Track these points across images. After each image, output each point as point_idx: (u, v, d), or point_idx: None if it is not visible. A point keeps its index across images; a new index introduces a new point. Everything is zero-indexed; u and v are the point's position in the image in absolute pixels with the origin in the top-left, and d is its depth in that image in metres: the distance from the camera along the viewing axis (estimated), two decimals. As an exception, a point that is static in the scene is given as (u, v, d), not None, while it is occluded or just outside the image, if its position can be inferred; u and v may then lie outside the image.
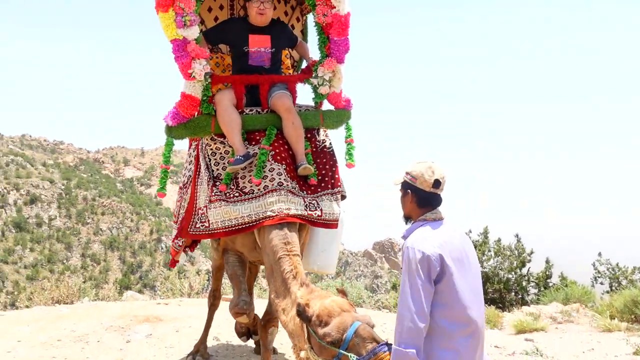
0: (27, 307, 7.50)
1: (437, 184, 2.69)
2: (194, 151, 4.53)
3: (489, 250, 12.18)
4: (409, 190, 2.74)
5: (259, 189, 3.79)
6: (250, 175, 3.86)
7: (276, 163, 3.90)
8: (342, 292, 3.10)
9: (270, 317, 4.11)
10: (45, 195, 72.22)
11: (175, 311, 6.62)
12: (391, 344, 2.61)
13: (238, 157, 3.88)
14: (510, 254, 12.14)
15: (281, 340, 5.21)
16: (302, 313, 2.93)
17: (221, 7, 4.93)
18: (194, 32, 3.82)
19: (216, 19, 4.92)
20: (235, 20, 4.53)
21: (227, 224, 3.77)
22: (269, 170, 3.86)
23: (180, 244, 4.55)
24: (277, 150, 3.97)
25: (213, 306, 5.02)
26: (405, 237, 2.69)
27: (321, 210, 3.87)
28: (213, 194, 3.85)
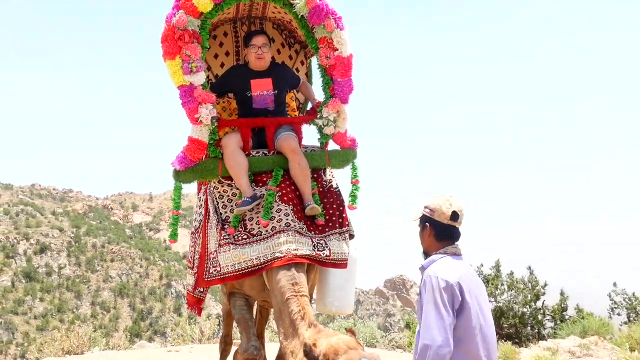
0: (37, 359, 7.43)
1: (455, 216, 2.70)
2: (203, 195, 4.54)
3: (502, 284, 12.01)
4: (427, 224, 2.76)
5: (267, 231, 3.79)
6: (258, 217, 3.87)
7: (283, 204, 3.92)
8: (351, 332, 3.09)
9: None
10: (55, 244, 72.30)
11: (186, 358, 6.54)
12: None
13: (245, 199, 3.91)
14: (524, 287, 11.96)
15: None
16: (309, 353, 2.92)
17: (227, 54, 5.03)
18: (200, 78, 3.90)
19: (223, 65, 5.02)
20: (237, 68, 4.63)
21: (237, 268, 3.76)
22: (276, 212, 3.87)
23: (202, 291, 4.51)
24: (285, 192, 4.00)
25: (225, 352, 4.95)
26: (424, 268, 2.67)
27: (330, 250, 3.86)
28: (222, 237, 3.86)
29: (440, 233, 2.73)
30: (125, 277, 71.67)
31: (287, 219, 3.83)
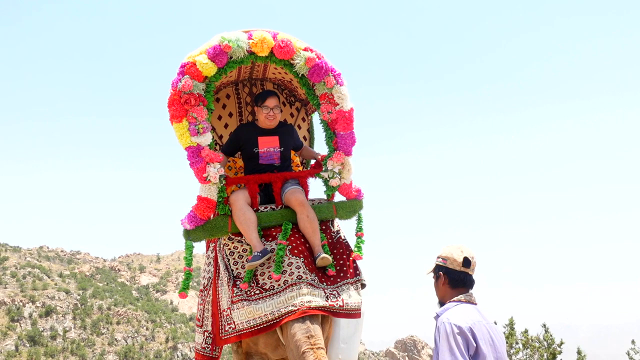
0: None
1: (466, 262, 2.76)
2: (212, 252, 4.57)
3: (517, 343, 11.75)
4: (440, 273, 2.82)
5: (279, 285, 3.79)
6: (269, 272, 3.89)
7: (294, 257, 3.95)
8: None
9: None
10: (61, 307, 71.51)
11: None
12: None
13: (256, 253, 3.93)
14: (540, 345, 11.70)
15: None
16: None
17: (230, 115, 5.20)
18: (207, 139, 4.03)
19: (226, 125, 5.18)
20: (245, 126, 4.73)
21: (252, 324, 3.74)
22: (287, 265, 3.89)
23: (213, 348, 4.44)
24: (294, 244, 4.04)
25: None
26: (438, 316, 2.69)
27: (342, 300, 3.84)
28: (234, 294, 3.86)
29: (454, 280, 2.78)
30: (131, 340, 70.36)
31: (299, 272, 3.84)
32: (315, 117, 4.89)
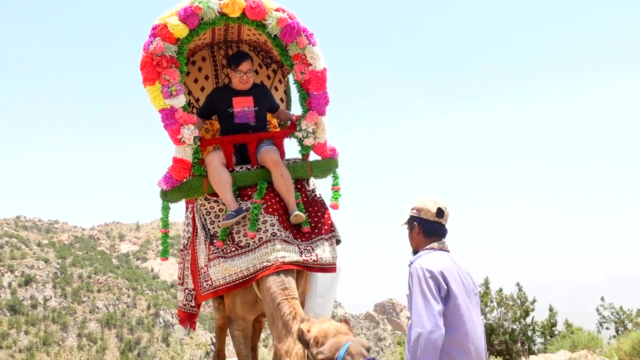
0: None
1: (440, 212, 2.86)
2: (190, 213, 4.67)
3: (491, 301, 12.08)
4: (414, 223, 2.91)
5: (254, 242, 3.91)
6: (245, 230, 3.99)
7: (269, 215, 4.05)
8: (345, 321, 3.19)
9: None
10: (40, 276, 71.20)
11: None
12: (375, 358, 2.76)
13: (230, 212, 4.03)
14: (513, 303, 12.04)
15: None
16: (301, 337, 3.05)
17: (207, 78, 5.20)
18: (180, 101, 4.04)
19: (202, 89, 5.19)
20: (219, 89, 4.79)
21: (228, 280, 3.85)
22: (262, 223, 4.00)
23: (193, 304, 4.59)
24: (269, 203, 4.14)
25: None
26: (411, 263, 2.79)
27: (316, 255, 3.96)
28: (211, 252, 3.96)
29: (427, 230, 2.87)
30: (112, 308, 70.57)
31: (273, 229, 3.95)
32: (291, 79, 4.91)
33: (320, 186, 4.67)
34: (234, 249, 3.92)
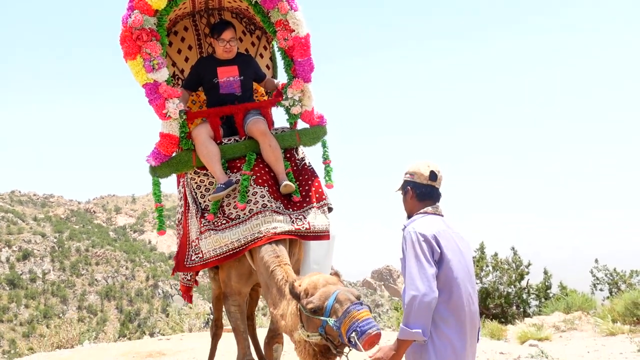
0: (30, 349, 7.39)
1: (433, 175, 2.83)
2: (182, 188, 4.64)
3: (487, 266, 12.20)
4: (408, 187, 2.88)
5: (244, 214, 3.88)
6: (235, 202, 3.96)
7: (258, 186, 4.01)
8: (336, 274, 3.22)
9: (274, 333, 4.12)
10: (38, 250, 71.44)
11: (177, 345, 6.57)
12: (364, 303, 2.81)
13: (219, 185, 3.99)
14: (508, 267, 12.16)
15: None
16: (292, 290, 3.10)
17: (190, 48, 5.07)
18: (163, 75, 3.94)
19: (187, 59, 5.06)
20: (203, 59, 4.68)
21: (218, 252, 3.84)
22: (252, 194, 3.96)
23: (189, 278, 4.59)
24: (259, 174, 4.09)
25: (216, 336, 4.99)
26: (405, 227, 2.77)
27: (308, 222, 3.94)
28: (202, 225, 3.93)
29: (421, 194, 2.84)
30: (111, 280, 71.09)
31: (264, 200, 3.92)
32: (276, 46, 4.79)
33: (310, 155, 4.63)
34: (224, 221, 3.89)
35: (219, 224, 3.89)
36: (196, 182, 4.20)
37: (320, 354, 3.09)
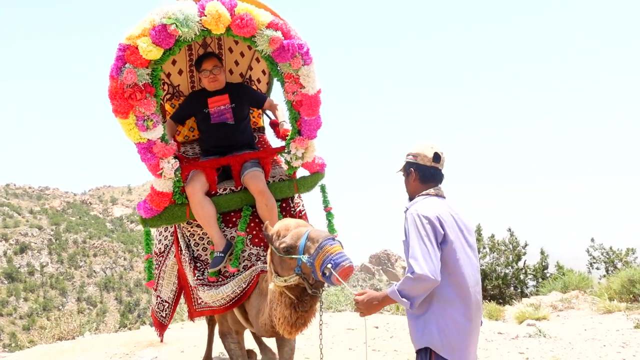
0: (31, 342, 7.41)
1: (436, 157, 2.81)
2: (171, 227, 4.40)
3: (484, 247, 12.27)
4: (411, 169, 2.86)
5: (239, 271, 3.82)
6: (230, 261, 3.86)
7: (254, 247, 3.91)
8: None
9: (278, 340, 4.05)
10: (35, 243, 71.47)
11: (178, 334, 6.60)
12: (335, 239, 2.88)
13: (218, 254, 3.83)
14: (505, 248, 12.24)
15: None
16: (265, 231, 3.18)
17: (180, 72, 4.66)
18: (158, 133, 3.64)
19: (174, 62, 4.59)
20: (194, 93, 4.50)
21: (217, 304, 3.80)
22: (248, 255, 3.87)
23: (164, 315, 4.41)
24: (254, 232, 3.97)
25: (211, 322, 4.98)
26: (407, 210, 2.75)
27: None
28: (195, 276, 3.86)
29: (424, 176, 2.82)
30: (110, 271, 71.31)
31: (258, 261, 3.85)
32: (279, 89, 4.24)
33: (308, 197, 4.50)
34: (220, 279, 3.83)
35: (214, 280, 3.82)
36: (189, 231, 4.07)
37: (298, 300, 3.09)
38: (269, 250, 3.20)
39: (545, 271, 12.09)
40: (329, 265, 2.75)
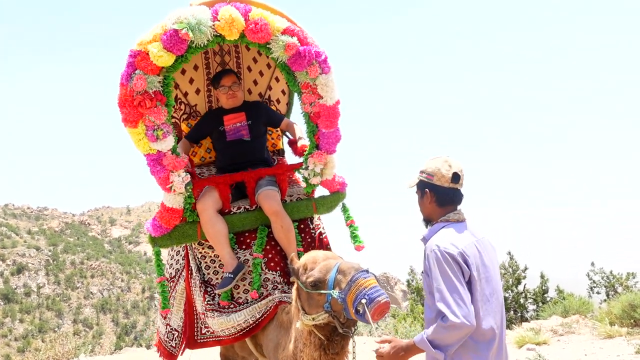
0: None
1: (456, 177, 2.53)
2: (182, 249, 4.17)
3: (484, 271, 12.21)
4: (426, 190, 2.58)
5: (254, 299, 3.58)
6: (244, 285, 3.66)
7: (270, 271, 3.70)
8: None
9: None
10: (32, 264, 70.97)
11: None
12: (369, 271, 2.56)
13: (227, 275, 3.63)
14: (505, 272, 12.19)
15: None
16: (290, 264, 2.92)
17: (196, 68, 4.47)
18: (168, 144, 3.49)
19: (191, 80, 4.50)
20: (210, 112, 4.41)
21: (227, 333, 3.58)
22: (264, 281, 3.65)
23: (174, 345, 4.02)
24: (270, 255, 3.76)
25: None
26: (426, 240, 2.54)
27: None
28: (206, 301, 3.64)
29: (442, 198, 2.56)
30: (107, 292, 70.67)
31: (275, 285, 3.65)
32: (297, 102, 4.12)
33: (330, 218, 4.22)
34: (232, 305, 3.59)
35: (226, 307, 3.59)
36: (201, 253, 3.86)
37: (328, 341, 2.77)
38: (294, 286, 2.94)
39: (546, 295, 12.02)
40: (363, 301, 2.43)
